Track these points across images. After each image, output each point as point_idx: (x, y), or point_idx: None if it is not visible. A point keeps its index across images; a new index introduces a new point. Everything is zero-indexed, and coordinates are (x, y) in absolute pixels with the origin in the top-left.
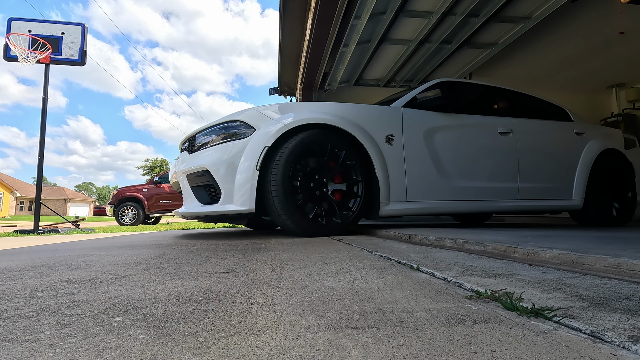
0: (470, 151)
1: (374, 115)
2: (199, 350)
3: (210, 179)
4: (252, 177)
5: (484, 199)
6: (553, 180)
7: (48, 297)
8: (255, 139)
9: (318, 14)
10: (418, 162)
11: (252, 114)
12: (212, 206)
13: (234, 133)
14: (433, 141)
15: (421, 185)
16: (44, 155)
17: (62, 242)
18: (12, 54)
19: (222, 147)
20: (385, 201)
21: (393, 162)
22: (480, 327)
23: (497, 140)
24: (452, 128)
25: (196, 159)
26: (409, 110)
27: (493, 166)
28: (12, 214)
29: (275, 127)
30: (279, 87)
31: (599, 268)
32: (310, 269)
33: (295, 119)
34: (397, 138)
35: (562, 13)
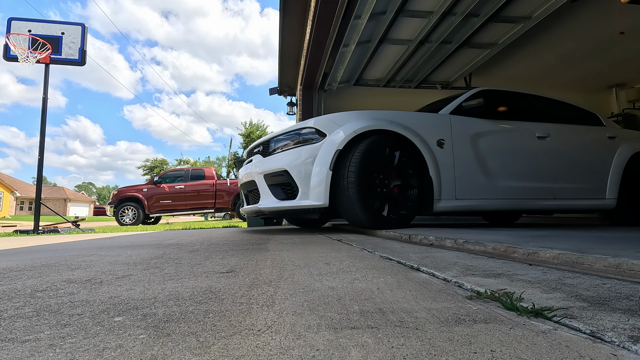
0: (511, 154)
1: (426, 121)
2: (199, 350)
3: (288, 178)
4: (326, 177)
5: (523, 197)
6: (587, 181)
7: (48, 297)
8: (327, 144)
9: (318, 14)
10: (465, 163)
11: (323, 121)
12: (289, 202)
13: (307, 139)
14: (478, 145)
15: (468, 185)
16: (44, 155)
17: (62, 242)
18: (12, 53)
19: (298, 151)
20: (437, 199)
21: (444, 163)
22: (480, 327)
23: (535, 143)
24: (495, 133)
25: (274, 160)
26: (456, 117)
27: (532, 168)
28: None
29: (345, 133)
30: (279, 87)
31: (599, 268)
32: (310, 269)
33: (362, 126)
34: (447, 142)
35: (562, 13)
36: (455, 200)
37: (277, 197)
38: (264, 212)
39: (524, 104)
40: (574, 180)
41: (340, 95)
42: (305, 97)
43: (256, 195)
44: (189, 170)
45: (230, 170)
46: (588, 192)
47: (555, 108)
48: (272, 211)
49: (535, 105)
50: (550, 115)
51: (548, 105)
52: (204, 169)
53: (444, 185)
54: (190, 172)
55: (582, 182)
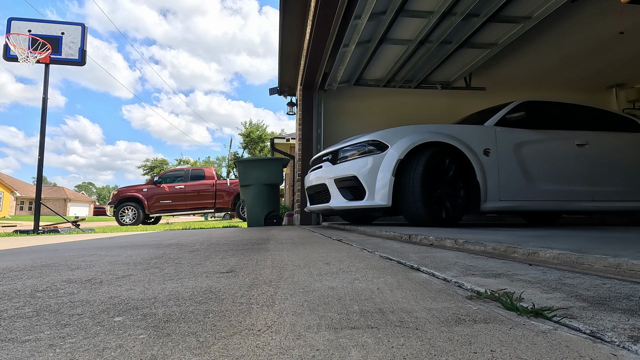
0: (551, 160)
1: (474, 133)
2: (199, 350)
3: (357, 182)
4: (389, 181)
5: (563, 199)
6: (626, 184)
7: (48, 297)
8: (390, 154)
9: (318, 14)
10: (508, 170)
11: (385, 135)
12: (357, 202)
13: (371, 149)
14: (520, 153)
15: (511, 188)
16: (44, 155)
17: (62, 242)
18: (12, 53)
19: (364, 160)
20: (483, 200)
21: (489, 169)
22: (480, 327)
23: (574, 150)
24: (536, 142)
25: (344, 167)
26: (500, 128)
27: (571, 172)
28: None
29: (404, 145)
30: (279, 87)
31: (599, 268)
32: (310, 269)
33: (420, 139)
34: (492, 151)
35: (562, 13)
36: (499, 202)
37: (346, 197)
38: (333, 210)
39: (565, 114)
40: (613, 184)
41: (340, 95)
42: (305, 97)
43: (323, 196)
44: (189, 170)
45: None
46: (627, 195)
47: (595, 116)
48: (341, 209)
49: (575, 114)
50: (589, 123)
51: (588, 114)
52: (204, 169)
53: (489, 189)
54: (190, 172)
55: (621, 185)
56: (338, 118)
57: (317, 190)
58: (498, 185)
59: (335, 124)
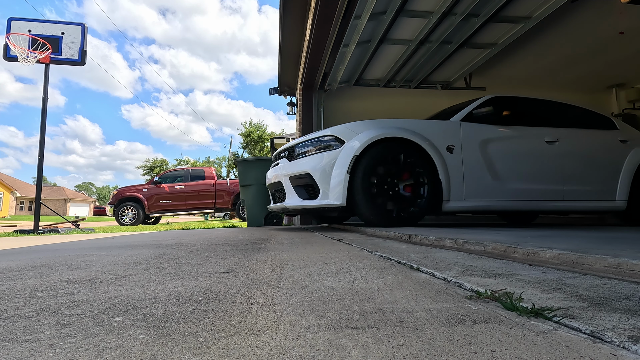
0: (519, 158)
1: (437, 128)
2: (199, 350)
3: (311, 180)
4: (344, 179)
5: (531, 199)
6: (597, 184)
7: (48, 297)
8: (345, 150)
9: (318, 14)
10: (474, 167)
11: (342, 129)
12: (311, 201)
13: (327, 145)
14: (487, 150)
15: (476, 187)
16: (44, 155)
17: (62, 242)
18: (12, 53)
19: (320, 156)
20: (446, 200)
21: (453, 167)
22: (480, 327)
23: (543, 148)
24: (503, 138)
25: (298, 164)
26: (465, 123)
27: (540, 171)
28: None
29: (361, 140)
30: (279, 87)
31: (599, 268)
32: (310, 269)
33: (376, 134)
34: (456, 147)
35: (562, 13)
36: (463, 201)
37: (301, 196)
38: (289, 210)
39: (535, 110)
40: (584, 183)
41: (340, 95)
42: (305, 97)
43: (282, 195)
44: (189, 170)
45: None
46: (598, 194)
47: (567, 113)
48: (296, 209)
49: (546, 111)
50: (561, 120)
51: (560, 110)
52: (204, 169)
53: (452, 188)
54: (190, 172)
55: (592, 184)
56: (338, 118)
57: (277, 189)
58: (462, 184)
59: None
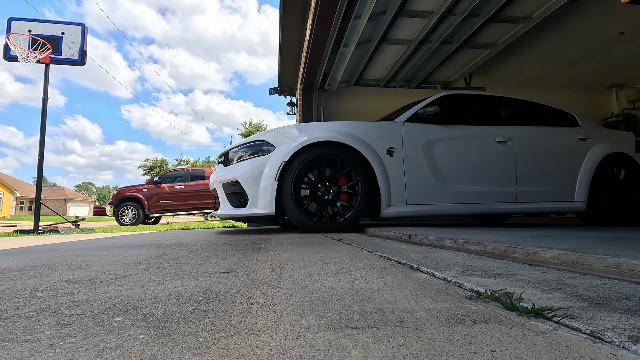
0: (467, 159)
1: (376, 130)
2: (199, 350)
3: (240, 187)
4: (272, 186)
5: (481, 201)
6: (553, 184)
7: (48, 297)
8: (275, 155)
9: (318, 14)
10: (417, 170)
11: (274, 134)
12: (241, 209)
13: (259, 150)
14: (431, 152)
15: (420, 191)
16: (44, 155)
17: (62, 242)
18: (12, 53)
19: (250, 162)
20: (386, 204)
21: (393, 171)
22: (480, 327)
23: (494, 148)
24: (450, 139)
25: (229, 171)
26: (410, 124)
27: (490, 172)
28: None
29: (291, 145)
30: (279, 87)
31: (599, 268)
32: (310, 269)
33: (307, 138)
34: (397, 150)
35: (562, 13)
36: (406, 206)
37: (233, 204)
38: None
39: (488, 107)
40: (539, 183)
41: (340, 95)
42: (305, 97)
43: None
44: (189, 170)
45: None
46: (554, 195)
47: (524, 110)
48: (228, 218)
49: (501, 108)
50: (516, 118)
51: (516, 108)
52: (203, 169)
53: (393, 192)
54: (190, 172)
55: (548, 184)
56: (338, 118)
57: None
58: (404, 188)
59: None
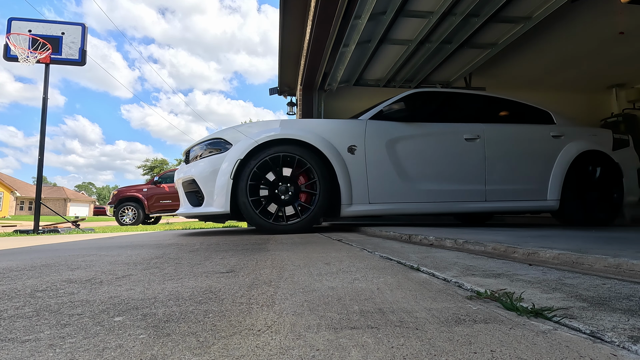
0: (433, 157)
1: (338, 128)
2: (199, 350)
3: (197, 186)
4: (227, 185)
5: (448, 200)
6: (525, 182)
7: (48, 297)
8: (231, 153)
9: (318, 14)
10: (380, 168)
11: (232, 132)
12: (198, 208)
13: (216, 148)
14: (395, 149)
15: (384, 189)
16: (44, 155)
17: (62, 242)
18: (12, 53)
19: (207, 160)
20: (347, 203)
21: (355, 169)
22: (480, 327)
23: (462, 146)
24: (415, 137)
25: (188, 169)
26: (374, 122)
27: (457, 170)
28: (12, 213)
29: (247, 143)
30: (279, 87)
31: (599, 268)
32: (310, 269)
33: (264, 136)
34: (359, 148)
35: (562, 13)
36: (369, 205)
37: (192, 203)
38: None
39: (458, 105)
40: (509, 182)
41: (340, 95)
42: (305, 97)
43: None
44: None
45: None
46: (526, 194)
47: (496, 107)
48: (187, 216)
49: (471, 106)
50: (487, 115)
51: (488, 105)
52: None
53: (355, 191)
54: None
55: (519, 183)
56: (338, 118)
57: None
58: (367, 186)
59: None
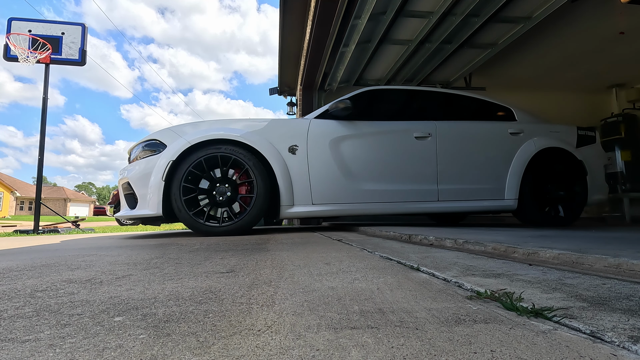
0: (381, 156)
1: (279, 128)
2: (199, 350)
3: (131, 188)
4: (159, 187)
5: (398, 200)
6: (481, 181)
7: (48, 297)
8: (164, 155)
9: (318, 14)
10: (324, 168)
11: (167, 132)
12: (132, 211)
13: (152, 149)
14: (340, 149)
15: (328, 190)
16: (44, 155)
17: (62, 242)
18: (12, 54)
19: (141, 162)
20: (288, 204)
21: (296, 170)
22: (480, 327)
23: (412, 144)
24: (362, 136)
25: (125, 171)
26: (318, 121)
27: (407, 170)
28: (12, 214)
29: (180, 143)
30: (279, 87)
31: (599, 268)
32: (310, 269)
33: (199, 137)
34: (301, 148)
35: (562, 13)
36: (312, 206)
37: (129, 205)
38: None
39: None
40: (464, 181)
41: (340, 95)
42: (305, 97)
43: None
44: None
45: None
46: (482, 193)
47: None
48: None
49: (424, 103)
50: (442, 113)
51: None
52: None
53: (297, 192)
54: None
55: (475, 182)
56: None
57: None
58: (309, 187)
59: None
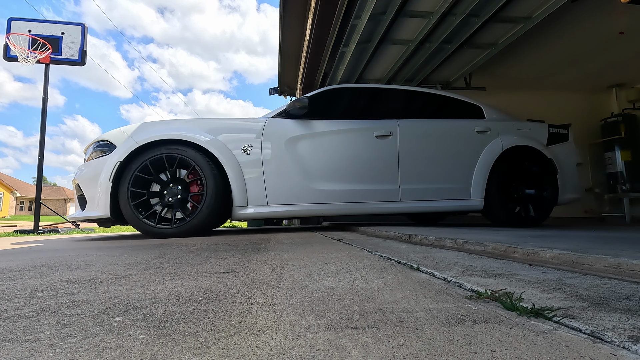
0: (340, 156)
1: (233, 127)
2: (199, 350)
3: (81, 190)
4: (107, 188)
5: (357, 200)
6: (446, 181)
7: (48, 297)
8: (112, 156)
9: (318, 14)
10: (279, 169)
11: (115, 133)
12: (82, 212)
13: (102, 150)
14: (297, 149)
15: (284, 190)
16: (44, 155)
17: (62, 242)
18: (12, 53)
19: (91, 163)
20: (241, 205)
21: (250, 170)
22: (480, 327)
23: (372, 143)
24: (320, 135)
25: (76, 172)
26: (275, 120)
27: (367, 169)
28: (12, 214)
29: (128, 144)
30: (279, 87)
31: (599, 268)
32: (310, 269)
33: (148, 137)
34: (255, 147)
35: (562, 13)
36: (267, 206)
37: (81, 207)
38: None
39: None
40: (428, 181)
41: None
42: None
43: None
44: None
45: None
46: (448, 193)
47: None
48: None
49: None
50: (405, 111)
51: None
52: None
53: (251, 192)
54: None
55: (439, 182)
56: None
57: None
58: (264, 188)
59: None
